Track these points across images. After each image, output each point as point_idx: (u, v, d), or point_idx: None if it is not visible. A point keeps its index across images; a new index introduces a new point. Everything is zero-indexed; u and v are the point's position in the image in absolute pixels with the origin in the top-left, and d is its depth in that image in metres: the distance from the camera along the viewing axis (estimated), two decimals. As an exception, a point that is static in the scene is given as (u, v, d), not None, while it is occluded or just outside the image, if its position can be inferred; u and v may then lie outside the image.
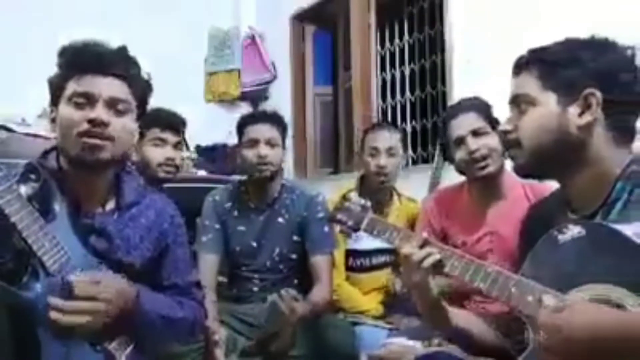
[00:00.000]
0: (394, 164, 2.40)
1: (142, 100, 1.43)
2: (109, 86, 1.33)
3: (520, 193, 1.90)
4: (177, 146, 2.37)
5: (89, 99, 1.31)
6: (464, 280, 1.28)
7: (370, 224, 1.49)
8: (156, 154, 2.30)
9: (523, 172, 1.29)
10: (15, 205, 1.18)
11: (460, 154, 1.89)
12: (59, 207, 1.29)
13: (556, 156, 1.21)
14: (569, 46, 1.22)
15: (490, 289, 1.23)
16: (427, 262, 1.31)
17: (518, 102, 1.25)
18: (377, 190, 2.41)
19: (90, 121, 1.30)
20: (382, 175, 2.37)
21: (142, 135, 2.34)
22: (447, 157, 2.02)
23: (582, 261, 1.14)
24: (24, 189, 1.23)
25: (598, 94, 1.16)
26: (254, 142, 2.24)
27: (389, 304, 2.41)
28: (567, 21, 2.49)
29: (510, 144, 1.27)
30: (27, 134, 3.06)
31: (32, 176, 1.28)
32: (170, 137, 2.34)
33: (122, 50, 1.39)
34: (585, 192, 1.21)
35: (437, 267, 1.32)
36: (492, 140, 1.84)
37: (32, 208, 1.21)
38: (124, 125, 1.36)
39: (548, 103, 1.20)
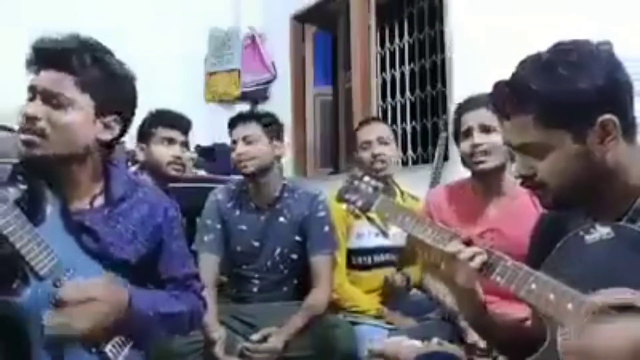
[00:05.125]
0: (387, 152, 2.41)
1: (100, 92, 1.28)
2: (44, 79, 1.26)
3: (523, 191, 1.90)
4: (183, 145, 2.40)
5: (31, 95, 1.27)
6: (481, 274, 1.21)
7: (383, 205, 1.41)
8: (165, 153, 2.33)
9: (552, 207, 1.21)
10: (2, 209, 1.14)
11: (464, 146, 1.94)
12: (49, 207, 1.26)
13: (585, 187, 1.13)
14: (559, 74, 1.08)
15: (508, 284, 1.16)
16: (477, 262, 1.19)
17: (528, 150, 1.14)
18: None
19: (24, 116, 1.25)
20: (378, 163, 2.37)
21: (149, 135, 2.36)
22: (447, 156, 2.02)
23: (610, 263, 1.08)
24: (11, 192, 1.20)
25: (614, 118, 1.07)
26: (234, 143, 2.27)
27: (388, 302, 2.40)
28: (568, 20, 2.48)
29: (533, 186, 1.17)
30: (27, 134, 3.04)
31: (20, 177, 1.25)
32: (178, 136, 2.37)
33: (70, 40, 1.28)
34: (609, 204, 1.15)
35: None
36: (499, 138, 1.84)
37: (20, 211, 1.17)
38: (60, 120, 1.24)
39: (564, 144, 1.10)
